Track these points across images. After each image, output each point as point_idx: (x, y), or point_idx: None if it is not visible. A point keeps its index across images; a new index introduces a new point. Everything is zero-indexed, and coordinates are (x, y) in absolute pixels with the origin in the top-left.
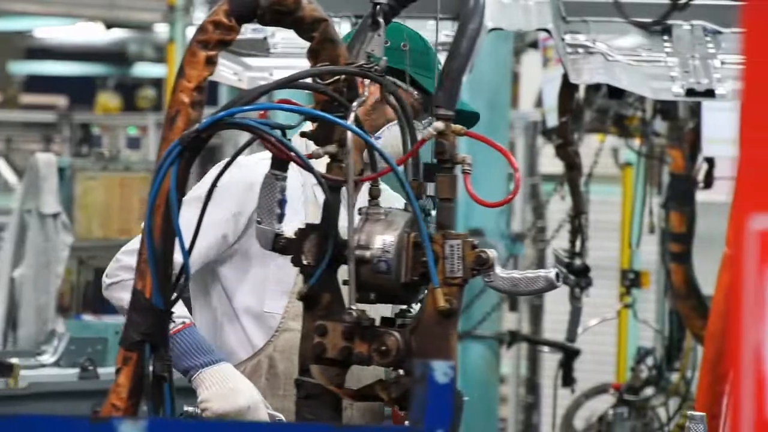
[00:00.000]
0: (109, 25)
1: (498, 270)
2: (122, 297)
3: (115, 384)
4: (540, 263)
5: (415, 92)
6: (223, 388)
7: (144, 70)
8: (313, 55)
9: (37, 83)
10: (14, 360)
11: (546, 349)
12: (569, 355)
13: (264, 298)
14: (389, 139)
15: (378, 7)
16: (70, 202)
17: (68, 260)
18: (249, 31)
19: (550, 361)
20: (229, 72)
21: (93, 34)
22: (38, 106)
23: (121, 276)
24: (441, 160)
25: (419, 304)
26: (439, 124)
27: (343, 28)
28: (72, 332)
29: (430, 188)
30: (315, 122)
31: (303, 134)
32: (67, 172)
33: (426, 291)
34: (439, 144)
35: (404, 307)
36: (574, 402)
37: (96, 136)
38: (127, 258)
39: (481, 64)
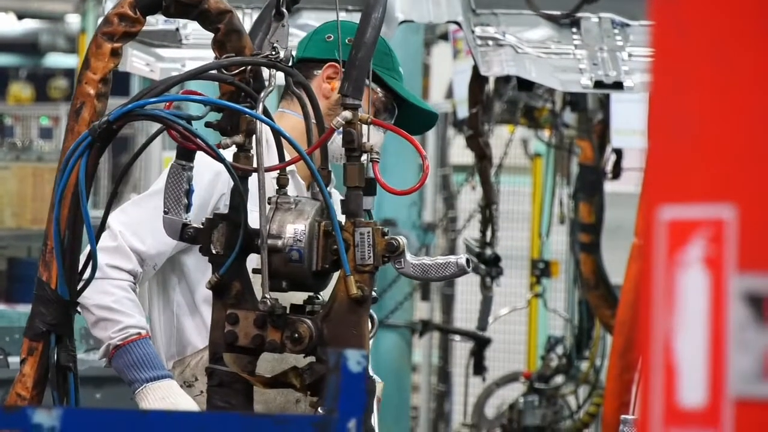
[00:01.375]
0: (21, 16)
1: (408, 257)
2: (84, 294)
3: (20, 374)
4: (451, 253)
5: (379, 90)
6: (164, 404)
7: (56, 60)
8: (218, 46)
9: None
10: None
11: (457, 338)
12: (480, 343)
13: None
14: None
15: None
16: None
17: None
18: (161, 22)
19: (461, 349)
20: (141, 63)
21: (5, 24)
22: None
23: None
24: (349, 149)
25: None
26: (347, 114)
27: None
28: None
29: (367, 202)
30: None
31: (208, 125)
32: None
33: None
34: (348, 133)
35: (312, 294)
36: (485, 390)
37: (8, 126)
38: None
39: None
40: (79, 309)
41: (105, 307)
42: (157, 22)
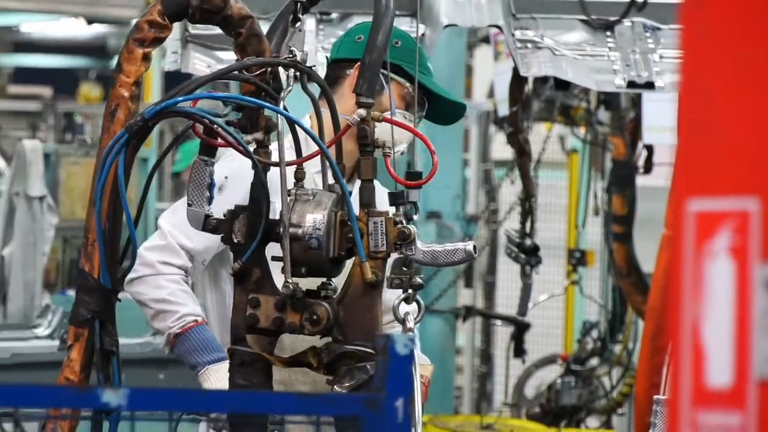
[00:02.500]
0: (90, 21)
1: (419, 244)
2: (141, 291)
3: (67, 359)
4: (493, 243)
5: (408, 85)
6: (225, 384)
7: None
8: (240, 49)
9: (23, 75)
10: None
11: (499, 322)
12: (520, 328)
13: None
14: (385, 128)
15: (298, 4)
16: (55, 185)
17: (53, 240)
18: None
19: (502, 333)
20: (203, 64)
21: (75, 29)
22: (25, 96)
23: (141, 271)
24: (362, 144)
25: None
26: (362, 111)
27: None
28: (59, 307)
29: (413, 195)
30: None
31: (229, 123)
32: (52, 157)
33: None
34: (362, 129)
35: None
36: (525, 371)
37: (79, 124)
38: (147, 254)
39: (437, 58)
40: (138, 304)
41: (161, 300)
42: (216, 27)
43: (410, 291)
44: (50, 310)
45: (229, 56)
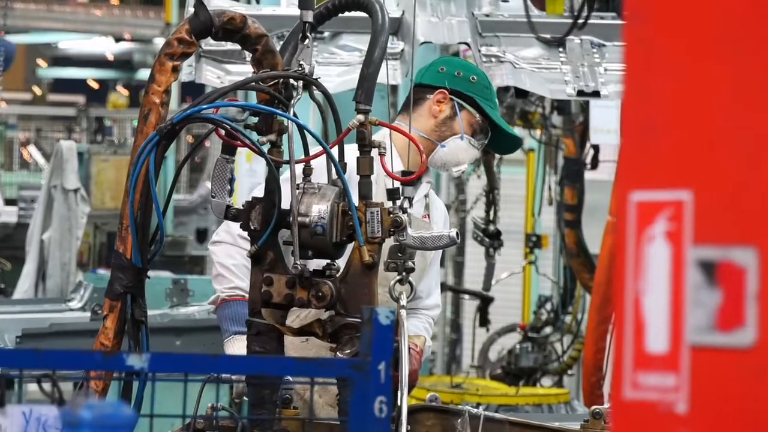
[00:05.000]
0: (118, 39)
1: (409, 231)
2: (215, 252)
3: (103, 327)
4: (462, 229)
5: (478, 115)
6: (242, 353)
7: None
8: (256, 63)
9: (60, 85)
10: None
11: (466, 296)
12: (485, 301)
13: None
14: (452, 149)
15: (307, 24)
16: (87, 179)
17: (86, 226)
18: (229, 44)
19: (469, 306)
20: (213, 76)
21: (105, 46)
22: (62, 103)
23: (223, 237)
24: (361, 145)
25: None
26: (361, 117)
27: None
28: (90, 283)
29: (408, 191)
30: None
31: (247, 126)
32: (85, 155)
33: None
34: (360, 132)
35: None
36: (488, 338)
37: (108, 127)
38: (234, 226)
39: (414, 70)
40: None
41: (225, 267)
42: (226, 44)
43: (404, 274)
44: (82, 286)
45: (237, 68)
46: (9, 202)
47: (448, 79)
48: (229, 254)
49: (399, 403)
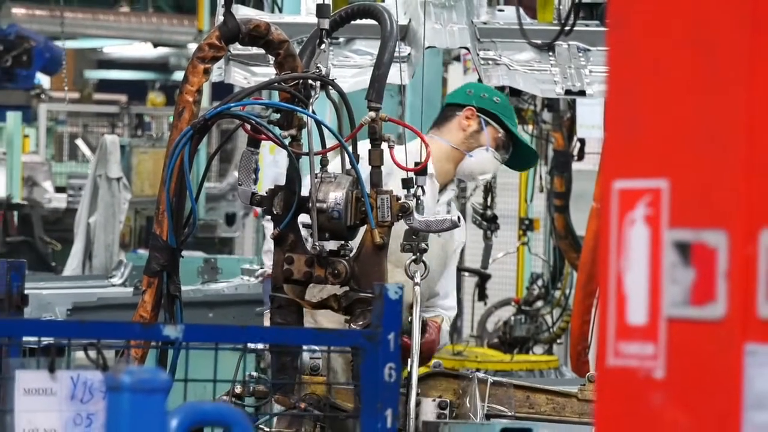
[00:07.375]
0: (156, 44)
1: (416, 215)
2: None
3: (141, 301)
4: (462, 214)
5: (501, 131)
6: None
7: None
8: (278, 65)
9: (105, 85)
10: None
11: (466, 274)
12: (483, 278)
13: None
14: (479, 159)
15: (323, 31)
16: (129, 169)
17: (127, 211)
18: (254, 48)
19: (469, 282)
20: (240, 77)
21: (144, 50)
22: (106, 102)
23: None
24: (372, 139)
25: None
26: (372, 114)
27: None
28: (130, 262)
29: (420, 180)
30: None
31: (270, 122)
32: (127, 148)
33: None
34: (371, 127)
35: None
36: (486, 311)
37: (147, 122)
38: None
39: (419, 72)
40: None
41: None
42: (251, 48)
43: (418, 254)
44: (123, 264)
45: (261, 70)
46: (59, 189)
47: (475, 99)
48: None
49: (410, 370)
